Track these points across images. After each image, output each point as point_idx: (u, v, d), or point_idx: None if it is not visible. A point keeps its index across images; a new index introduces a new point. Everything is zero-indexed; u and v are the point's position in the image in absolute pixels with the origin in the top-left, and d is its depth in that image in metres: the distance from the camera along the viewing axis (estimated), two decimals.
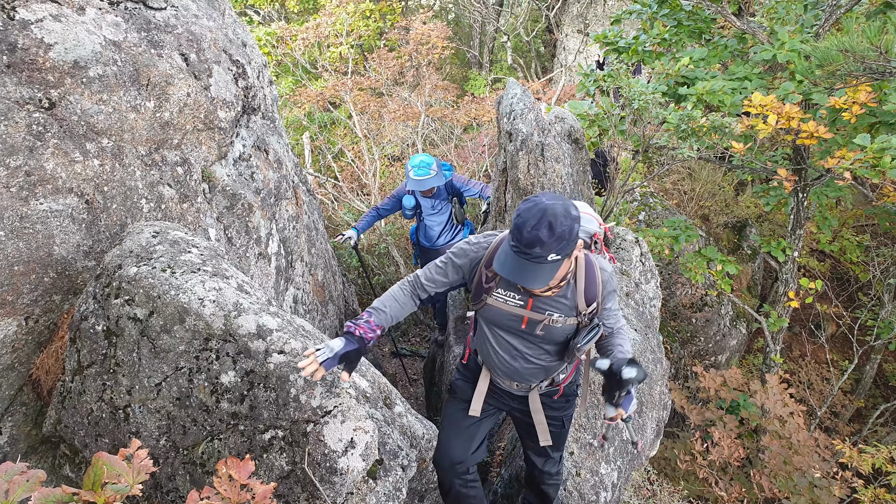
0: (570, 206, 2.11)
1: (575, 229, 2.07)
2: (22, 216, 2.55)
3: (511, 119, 4.31)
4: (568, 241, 2.07)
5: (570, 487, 3.76)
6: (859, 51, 3.87)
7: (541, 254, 2.06)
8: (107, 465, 1.05)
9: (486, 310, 2.54)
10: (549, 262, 2.10)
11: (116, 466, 1.05)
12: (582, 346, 2.43)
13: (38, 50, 2.55)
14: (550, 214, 2.03)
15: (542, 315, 2.43)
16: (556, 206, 2.06)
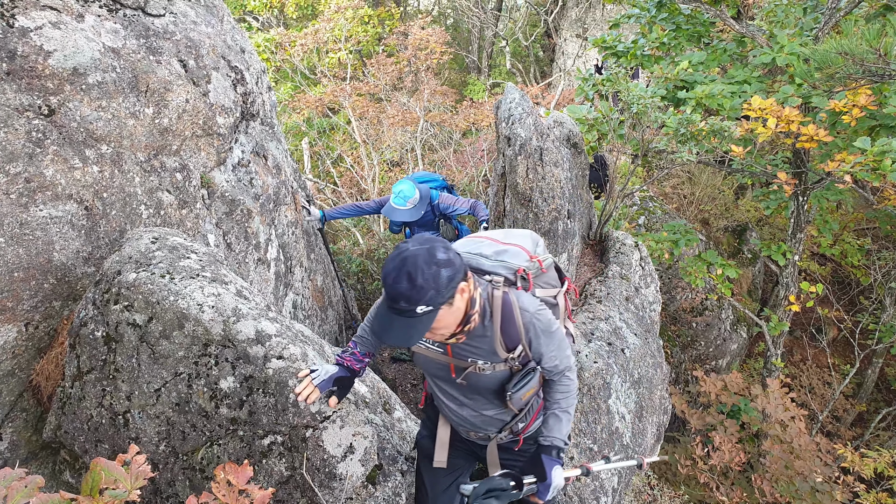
0: (436, 249, 1.91)
1: (442, 275, 1.87)
2: (22, 223, 2.55)
3: (510, 124, 4.31)
4: (436, 289, 1.87)
5: (571, 492, 3.75)
6: (858, 53, 3.87)
7: (406, 308, 1.88)
8: (105, 471, 1.05)
9: (416, 357, 2.38)
10: (419, 314, 1.90)
11: (114, 472, 1.05)
12: (513, 394, 2.22)
13: (38, 57, 2.56)
14: (410, 264, 1.86)
15: (466, 362, 2.22)
16: (418, 254, 1.88)
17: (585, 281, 5.04)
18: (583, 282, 5.05)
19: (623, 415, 4.17)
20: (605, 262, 5.18)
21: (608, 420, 4.06)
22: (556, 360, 2.24)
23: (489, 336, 2.15)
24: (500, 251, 2.32)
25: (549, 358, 2.21)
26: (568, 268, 4.68)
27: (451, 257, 1.92)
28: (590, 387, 4.03)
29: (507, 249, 2.31)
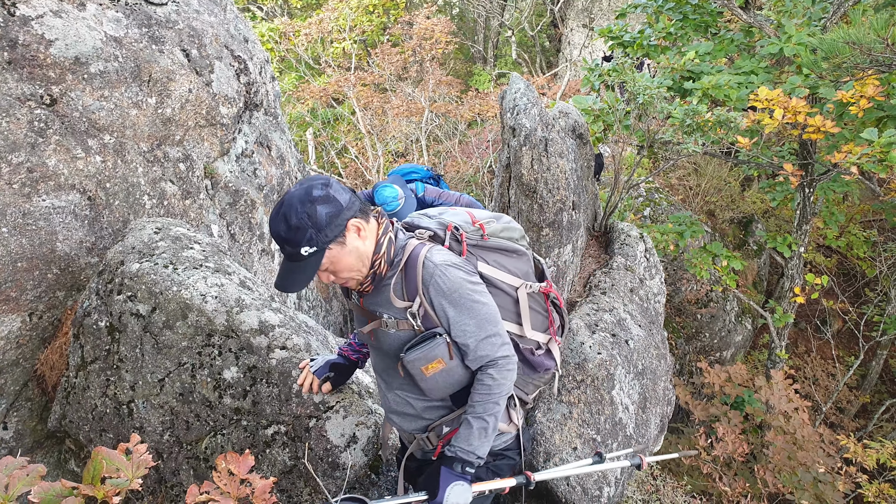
0: (314, 187, 1.81)
1: (319, 212, 1.76)
2: (25, 213, 2.55)
3: (514, 114, 4.29)
4: (316, 227, 1.77)
5: (574, 482, 3.75)
6: (866, 43, 3.83)
7: (292, 251, 1.80)
8: (106, 460, 1.05)
9: (355, 320, 2.22)
10: (304, 256, 1.81)
11: (116, 461, 1.05)
12: (406, 357, 1.93)
13: (39, 46, 2.55)
14: (286, 206, 1.79)
15: (375, 315, 2.02)
16: (294, 194, 1.80)
17: (590, 272, 5.03)
18: (587, 273, 5.04)
19: (627, 406, 4.17)
20: (609, 254, 5.17)
21: (612, 411, 4.06)
22: (469, 339, 1.93)
23: (397, 286, 1.97)
24: (447, 213, 2.15)
25: (458, 331, 1.92)
26: (573, 259, 4.67)
27: (331, 194, 1.81)
28: (593, 378, 4.02)
29: (457, 213, 2.15)
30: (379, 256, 1.93)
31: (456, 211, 2.16)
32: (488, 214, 2.17)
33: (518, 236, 2.18)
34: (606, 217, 5.50)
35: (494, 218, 2.17)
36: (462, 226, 2.06)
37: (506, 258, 2.12)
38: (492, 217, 2.16)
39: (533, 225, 4.24)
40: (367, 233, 1.90)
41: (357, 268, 1.92)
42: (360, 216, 1.88)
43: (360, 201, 1.91)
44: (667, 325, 8.30)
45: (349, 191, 1.91)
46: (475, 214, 2.13)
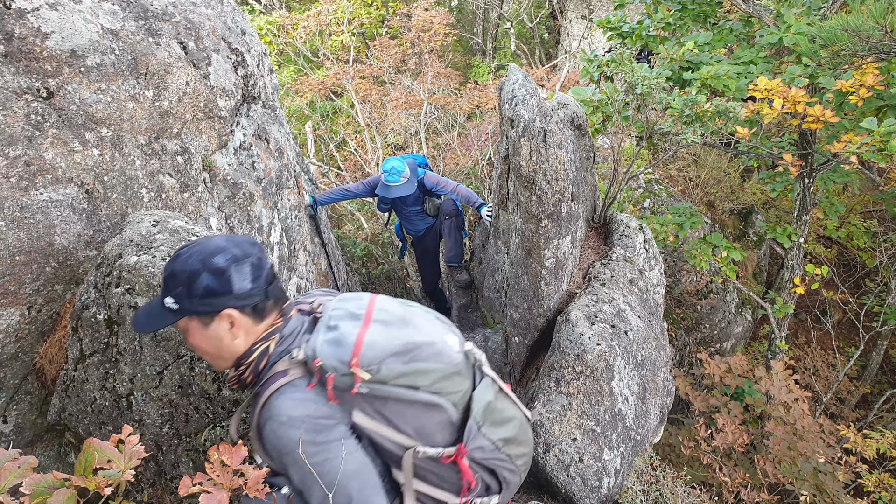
0: (223, 253, 1.62)
1: (201, 280, 1.59)
2: (22, 206, 2.55)
3: (513, 105, 4.28)
4: (187, 289, 1.60)
5: (573, 473, 3.77)
6: (864, 30, 3.81)
7: (161, 289, 1.66)
8: (98, 451, 1.05)
9: None
10: (164, 306, 1.64)
11: (108, 452, 1.06)
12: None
13: (35, 39, 2.54)
14: (191, 248, 1.63)
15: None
16: (204, 246, 1.63)
17: (589, 263, 5.03)
18: (586, 264, 5.04)
19: (626, 397, 4.17)
20: (609, 245, 5.17)
21: (611, 402, 4.07)
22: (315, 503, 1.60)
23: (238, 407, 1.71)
24: (341, 326, 1.71)
25: (305, 492, 1.62)
26: (572, 250, 4.67)
27: (230, 273, 1.61)
28: (593, 369, 4.03)
29: (340, 337, 1.67)
30: (246, 362, 1.73)
31: (344, 314, 1.74)
32: (405, 343, 1.72)
33: (431, 381, 1.73)
34: (606, 208, 5.50)
35: (422, 345, 1.73)
36: (331, 367, 1.62)
37: (401, 408, 1.71)
38: (414, 344, 1.72)
39: (532, 216, 4.24)
40: (243, 331, 1.70)
41: (213, 357, 1.74)
42: (246, 312, 1.68)
43: (262, 297, 1.69)
44: (666, 316, 8.30)
45: (263, 281, 1.69)
46: (376, 344, 1.67)
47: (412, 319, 1.81)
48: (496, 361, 5.12)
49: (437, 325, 1.88)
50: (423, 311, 1.91)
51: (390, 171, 5.38)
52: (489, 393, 1.91)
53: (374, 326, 1.71)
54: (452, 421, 1.80)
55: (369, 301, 1.81)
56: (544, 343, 4.80)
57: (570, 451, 3.83)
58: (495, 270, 5.30)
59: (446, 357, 1.78)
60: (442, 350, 1.77)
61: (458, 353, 1.82)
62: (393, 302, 1.86)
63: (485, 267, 5.63)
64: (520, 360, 4.96)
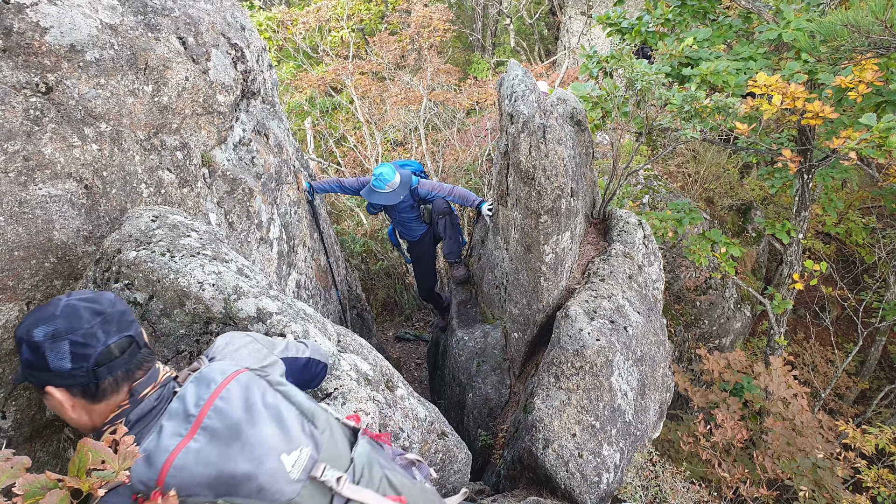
0: (48, 323, 1.45)
1: (23, 352, 1.46)
2: (21, 201, 2.55)
3: (512, 101, 4.28)
4: (31, 358, 1.45)
5: (573, 469, 3.77)
6: (864, 25, 3.82)
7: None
8: (92, 452, 1.05)
9: None
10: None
11: (102, 453, 1.05)
12: None
13: (34, 34, 2.53)
14: (38, 311, 1.48)
15: None
16: (46, 309, 1.48)
17: (588, 259, 5.04)
18: (586, 260, 5.04)
19: (626, 392, 4.18)
20: (608, 241, 5.17)
21: (610, 397, 4.07)
22: None
23: None
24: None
25: None
26: (572, 246, 4.67)
27: (42, 346, 1.44)
28: (592, 364, 4.04)
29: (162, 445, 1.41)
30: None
31: (179, 410, 1.48)
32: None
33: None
34: (605, 204, 5.50)
35: (241, 477, 1.42)
36: (136, 488, 1.35)
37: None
38: (230, 476, 1.41)
39: (531, 212, 4.24)
40: (82, 410, 1.52)
41: (73, 422, 1.56)
42: (74, 392, 1.49)
43: (89, 379, 1.48)
44: (665, 312, 8.31)
45: (90, 361, 1.47)
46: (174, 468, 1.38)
47: (246, 430, 1.48)
48: (495, 357, 5.13)
49: (285, 436, 1.53)
50: (276, 412, 1.56)
51: (378, 177, 5.42)
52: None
53: (196, 440, 1.43)
54: None
55: (216, 389, 1.52)
56: (544, 339, 4.80)
57: (569, 446, 3.84)
58: (495, 266, 5.30)
59: (270, 494, 1.46)
60: (265, 485, 1.44)
61: (295, 484, 1.49)
62: (241, 394, 1.54)
63: (484, 263, 5.63)
64: (519, 355, 4.96)
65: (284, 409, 1.59)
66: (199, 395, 1.51)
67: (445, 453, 3.16)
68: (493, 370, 5.07)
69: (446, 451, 3.17)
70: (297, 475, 1.49)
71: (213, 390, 1.52)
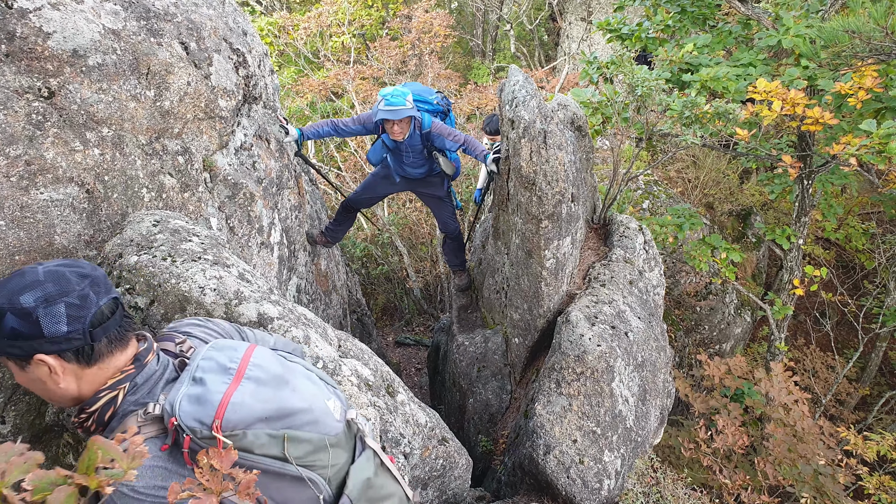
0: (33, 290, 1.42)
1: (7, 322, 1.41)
2: (22, 205, 2.55)
3: (513, 106, 4.28)
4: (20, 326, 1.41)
5: (574, 475, 3.76)
6: (865, 31, 3.83)
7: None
8: (101, 450, 1.05)
9: None
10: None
11: (111, 451, 1.05)
12: None
13: (37, 38, 2.54)
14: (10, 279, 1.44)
15: None
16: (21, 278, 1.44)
17: (589, 264, 5.03)
18: (587, 265, 5.04)
19: (626, 398, 4.17)
20: (608, 246, 5.17)
21: (611, 403, 4.07)
22: None
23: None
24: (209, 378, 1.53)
25: None
26: (572, 251, 4.67)
27: (38, 314, 1.41)
28: (593, 370, 4.03)
29: (210, 388, 1.50)
30: (89, 411, 1.52)
31: (214, 365, 1.57)
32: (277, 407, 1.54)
33: (303, 453, 1.55)
34: (605, 209, 5.50)
35: (298, 411, 1.56)
36: (188, 427, 1.43)
37: (265, 481, 1.50)
38: (277, 412, 1.53)
39: (532, 217, 4.24)
40: (70, 376, 1.50)
41: (45, 397, 1.56)
42: (67, 357, 1.47)
43: (85, 341, 1.47)
44: (666, 317, 8.31)
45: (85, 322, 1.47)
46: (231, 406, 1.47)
47: (291, 379, 1.63)
48: (496, 362, 5.12)
49: (320, 388, 1.70)
50: (304, 370, 1.74)
51: (392, 94, 4.59)
52: (369, 468, 1.72)
53: (246, 385, 1.53)
54: (325, 498, 1.60)
55: (245, 353, 1.63)
56: (544, 344, 4.80)
57: (570, 452, 3.83)
58: (495, 271, 5.30)
59: (324, 427, 1.61)
60: (319, 418, 1.60)
61: (339, 423, 1.66)
62: (271, 357, 1.68)
63: (485, 267, 5.63)
64: (520, 361, 4.96)
65: (307, 370, 1.75)
66: (230, 356, 1.60)
67: (446, 459, 3.15)
68: (494, 375, 5.06)
69: (447, 457, 3.16)
70: (338, 417, 1.66)
71: (242, 352, 1.63)
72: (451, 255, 5.95)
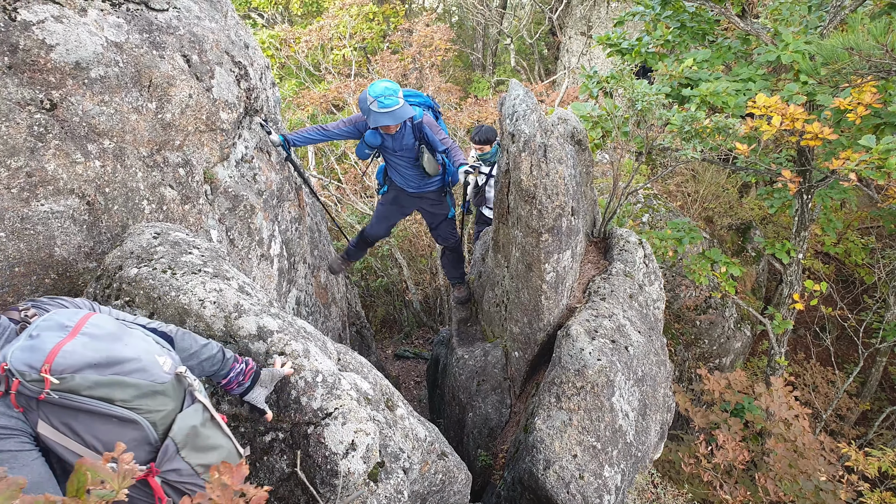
0: None
1: None
2: (23, 217, 2.55)
3: (513, 120, 4.30)
4: None
5: (574, 490, 3.74)
6: (865, 49, 3.84)
7: None
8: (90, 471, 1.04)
9: None
10: None
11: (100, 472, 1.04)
12: None
13: (40, 51, 2.55)
14: None
15: None
16: None
17: (589, 278, 5.03)
18: (586, 279, 5.03)
19: (627, 412, 4.15)
20: (608, 260, 5.17)
21: (612, 418, 4.05)
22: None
23: None
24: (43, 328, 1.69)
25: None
26: (572, 265, 4.67)
27: None
28: (593, 384, 4.01)
29: (40, 339, 1.65)
30: None
31: (51, 324, 1.70)
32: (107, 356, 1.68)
33: (129, 397, 1.68)
34: (605, 223, 5.50)
35: (127, 360, 1.72)
36: (17, 371, 1.57)
37: (92, 421, 1.64)
38: (106, 360, 1.68)
39: (532, 230, 4.24)
40: None
41: None
42: None
43: None
44: (666, 331, 8.29)
45: None
46: (62, 353, 1.62)
47: (124, 336, 1.79)
48: (496, 376, 5.10)
49: (152, 346, 1.85)
50: (142, 333, 1.88)
51: (384, 94, 4.34)
52: (195, 418, 1.85)
53: (80, 338, 1.68)
54: (150, 440, 1.73)
55: (84, 315, 1.77)
56: (544, 358, 4.78)
57: (570, 467, 3.81)
58: (495, 284, 5.29)
59: (151, 375, 1.75)
60: (147, 367, 1.75)
61: (167, 374, 1.80)
62: (110, 319, 1.82)
63: (484, 280, 5.62)
64: (520, 374, 4.94)
65: (146, 334, 1.90)
66: (69, 316, 1.74)
67: (445, 474, 3.13)
68: (494, 389, 5.04)
69: (446, 471, 3.14)
70: (167, 370, 1.81)
71: (82, 314, 1.78)
72: (450, 268, 5.94)
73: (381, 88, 4.34)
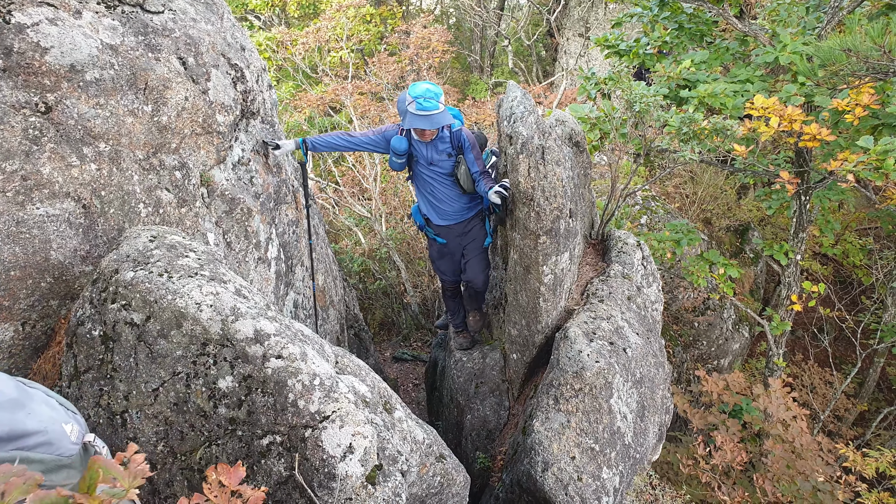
0: None
1: None
2: (18, 221, 2.54)
3: (511, 122, 4.29)
4: None
5: (572, 492, 3.73)
6: (863, 50, 3.85)
7: None
8: (102, 469, 1.04)
9: None
10: None
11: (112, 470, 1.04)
12: None
13: (35, 54, 2.54)
14: None
15: None
16: None
17: (587, 280, 5.02)
18: (585, 281, 5.03)
19: (625, 414, 4.15)
20: (607, 262, 5.16)
21: (610, 420, 4.04)
22: None
23: None
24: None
25: None
26: (570, 267, 4.66)
27: None
28: (591, 386, 4.01)
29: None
30: None
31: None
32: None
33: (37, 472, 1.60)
34: (603, 225, 5.50)
35: (31, 433, 1.61)
36: None
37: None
38: (21, 432, 1.58)
39: (530, 233, 4.23)
40: None
41: None
42: None
43: None
44: (664, 333, 8.29)
45: None
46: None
47: (27, 403, 1.66)
48: (494, 378, 5.09)
49: (57, 412, 1.73)
50: (44, 395, 1.76)
51: (425, 96, 4.04)
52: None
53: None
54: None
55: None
56: (542, 360, 4.77)
57: (568, 469, 3.80)
58: (493, 286, 5.29)
59: (58, 448, 1.65)
60: (54, 440, 1.64)
61: (73, 445, 1.70)
62: (8, 380, 1.68)
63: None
64: (518, 377, 4.93)
65: (47, 395, 1.77)
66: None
67: (443, 476, 3.12)
68: (492, 392, 5.03)
69: (444, 474, 3.13)
70: (74, 439, 1.70)
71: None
72: (466, 299, 5.28)
73: (423, 90, 4.08)
